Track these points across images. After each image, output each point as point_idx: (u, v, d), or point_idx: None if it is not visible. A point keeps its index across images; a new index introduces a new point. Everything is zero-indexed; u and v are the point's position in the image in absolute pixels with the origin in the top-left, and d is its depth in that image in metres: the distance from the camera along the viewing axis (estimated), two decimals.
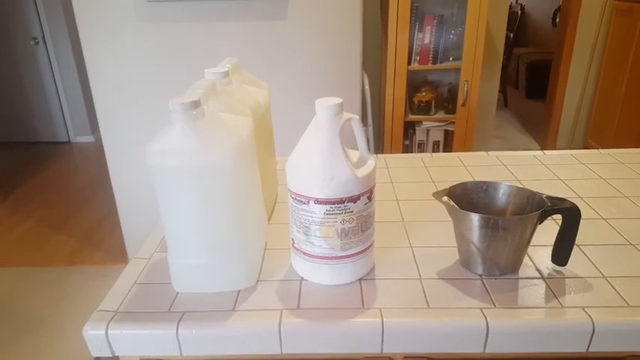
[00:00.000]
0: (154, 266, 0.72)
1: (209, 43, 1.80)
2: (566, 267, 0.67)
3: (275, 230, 0.80)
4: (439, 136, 2.33)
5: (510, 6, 4.30)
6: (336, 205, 0.60)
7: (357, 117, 0.63)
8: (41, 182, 3.30)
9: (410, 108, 2.32)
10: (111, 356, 0.62)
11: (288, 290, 0.65)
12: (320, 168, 0.60)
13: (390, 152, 2.31)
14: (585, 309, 0.59)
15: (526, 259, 0.69)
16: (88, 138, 4.03)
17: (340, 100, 0.61)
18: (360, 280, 0.67)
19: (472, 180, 0.73)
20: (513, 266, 0.67)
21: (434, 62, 2.21)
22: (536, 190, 0.66)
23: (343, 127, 0.61)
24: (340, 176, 0.60)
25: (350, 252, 0.64)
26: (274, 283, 0.67)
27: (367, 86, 2.12)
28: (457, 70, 2.18)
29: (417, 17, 2.14)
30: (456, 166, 1.04)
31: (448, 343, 0.60)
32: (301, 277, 0.68)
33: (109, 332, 0.60)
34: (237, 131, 0.61)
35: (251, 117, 0.69)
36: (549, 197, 0.64)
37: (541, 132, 3.64)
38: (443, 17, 2.16)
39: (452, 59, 2.21)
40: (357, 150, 0.65)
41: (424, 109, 2.29)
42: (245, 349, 0.61)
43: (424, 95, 2.29)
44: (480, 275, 0.67)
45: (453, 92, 2.28)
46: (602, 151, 1.09)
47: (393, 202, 0.89)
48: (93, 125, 3.95)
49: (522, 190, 0.67)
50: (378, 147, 2.50)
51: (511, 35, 4.36)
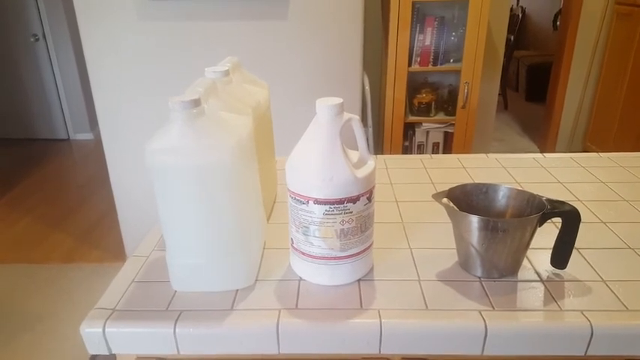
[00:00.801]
0: (152, 264, 0.72)
1: (209, 43, 1.80)
2: (565, 270, 0.67)
3: (274, 230, 0.80)
4: (439, 138, 2.33)
5: (511, 8, 4.31)
6: (336, 206, 0.60)
7: (358, 117, 0.63)
8: (40, 179, 3.30)
9: (410, 109, 2.32)
10: (108, 354, 0.62)
11: (286, 290, 0.65)
12: (320, 168, 0.60)
13: (390, 153, 2.31)
14: (584, 312, 0.59)
15: (525, 262, 0.69)
16: (87, 135, 4.02)
17: (341, 101, 0.61)
18: (359, 281, 0.67)
19: (472, 182, 0.73)
20: (512, 269, 0.67)
21: (434, 64, 2.21)
22: (536, 193, 0.66)
23: (343, 128, 0.61)
24: (340, 177, 0.59)
25: (349, 252, 0.64)
26: (273, 283, 0.67)
27: (367, 87, 2.12)
28: (457, 72, 2.18)
29: (418, 18, 2.14)
30: (456, 168, 1.04)
31: (446, 345, 0.60)
32: (300, 277, 0.67)
33: (107, 330, 0.60)
34: (237, 130, 0.61)
35: (251, 116, 0.68)
36: (549, 200, 0.64)
37: (541, 135, 3.64)
38: (444, 19, 2.16)
39: (452, 61, 2.21)
40: (357, 150, 0.65)
41: (424, 111, 2.29)
42: (243, 349, 0.61)
43: (424, 97, 2.29)
44: (479, 277, 0.67)
45: (453, 94, 2.28)
46: (601, 155, 1.09)
47: (393, 203, 0.89)
48: (92, 123, 3.95)
49: (522, 193, 0.67)
50: (378, 148, 2.50)
51: (512, 38, 4.36)
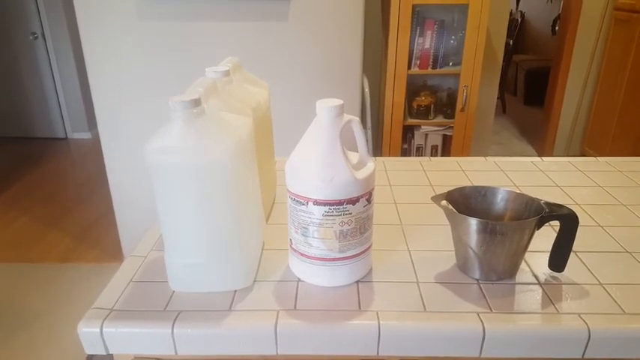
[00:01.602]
0: (150, 264, 0.72)
1: (209, 43, 1.80)
2: (562, 273, 0.68)
3: (273, 231, 0.80)
4: (437, 141, 2.34)
5: (511, 13, 4.32)
6: (335, 207, 0.60)
7: (358, 119, 0.63)
8: (38, 179, 3.29)
9: (409, 112, 2.32)
10: (105, 354, 0.62)
11: (285, 291, 0.65)
12: (320, 169, 0.60)
13: (389, 156, 2.31)
14: (581, 315, 0.60)
15: (523, 265, 0.69)
16: (86, 135, 4.02)
17: (341, 102, 0.61)
18: (358, 283, 0.67)
19: (470, 185, 0.73)
20: (510, 271, 0.67)
21: (434, 67, 2.21)
22: (534, 196, 0.66)
23: (343, 129, 0.61)
24: (340, 178, 0.59)
25: (348, 254, 0.64)
26: (271, 284, 0.67)
27: (367, 89, 2.13)
28: (457, 76, 2.18)
29: (418, 22, 2.14)
30: (455, 171, 1.04)
31: (444, 347, 0.60)
32: (298, 278, 0.67)
33: (104, 330, 0.60)
34: (236, 131, 0.61)
35: (251, 117, 0.68)
36: (547, 203, 0.64)
37: (538, 139, 3.65)
38: (444, 22, 2.17)
39: (452, 64, 2.22)
40: (357, 152, 0.65)
41: (423, 114, 2.30)
42: (241, 350, 0.61)
43: (423, 100, 2.29)
44: (477, 280, 0.67)
45: (452, 97, 2.28)
46: (599, 159, 1.10)
47: (392, 205, 0.89)
48: (90, 122, 3.94)
49: (520, 196, 0.68)
50: (377, 150, 2.50)
51: (511, 42, 4.37)
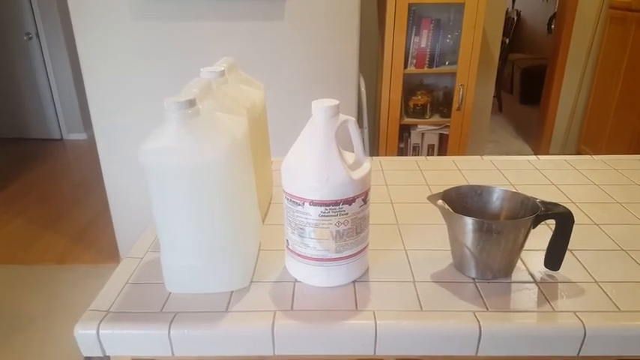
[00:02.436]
0: (147, 266, 0.72)
1: (204, 43, 1.80)
2: (558, 271, 0.68)
3: (269, 231, 0.79)
4: (434, 140, 2.34)
5: (506, 11, 4.33)
6: (331, 207, 0.60)
7: (354, 119, 0.63)
8: (33, 180, 3.28)
9: (405, 111, 2.32)
10: (102, 356, 0.61)
11: (281, 291, 0.65)
12: (315, 170, 0.60)
13: (385, 155, 2.31)
14: (577, 313, 0.60)
15: (519, 264, 0.70)
16: (81, 135, 4.00)
17: (337, 102, 0.61)
18: (354, 282, 0.67)
19: (466, 184, 0.73)
20: (506, 270, 0.67)
21: (430, 66, 2.22)
22: (529, 195, 0.66)
23: (339, 129, 0.61)
24: (336, 178, 0.59)
25: (344, 254, 0.64)
26: (268, 285, 0.67)
27: (363, 88, 2.13)
28: (453, 75, 2.19)
29: (414, 21, 2.14)
30: (451, 170, 1.04)
31: (441, 346, 0.60)
32: (295, 279, 0.67)
33: (101, 332, 0.59)
34: (231, 131, 0.61)
35: (246, 117, 0.68)
36: (543, 202, 0.64)
37: (534, 137, 3.66)
38: (440, 21, 2.17)
39: (448, 63, 2.22)
40: (353, 152, 0.65)
41: (419, 113, 2.30)
42: (238, 351, 0.61)
43: (420, 99, 2.30)
44: (473, 279, 0.67)
45: (449, 96, 2.29)
46: (595, 157, 1.10)
47: (388, 205, 0.89)
48: (86, 123, 3.92)
49: (516, 195, 0.68)
50: (373, 149, 2.50)
51: (507, 41, 4.38)
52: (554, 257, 0.67)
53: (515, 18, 4.95)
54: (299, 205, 0.61)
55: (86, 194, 3.04)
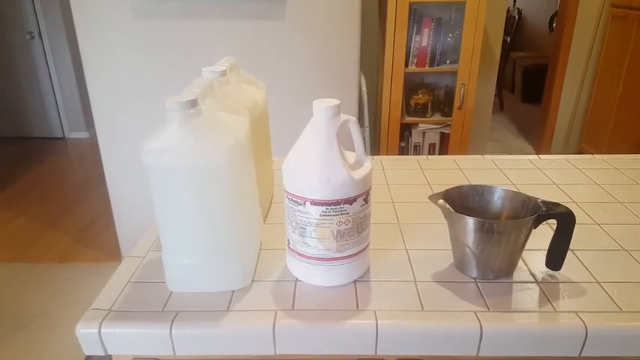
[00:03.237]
0: (148, 265, 0.72)
1: (206, 42, 1.80)
2: (560, 272, 0.68)
3: (270, 231, 0.80)
4: (435, 139, 2.34)
5: (508, 10, 4.32)
6: (332, 207, 0.60)
7: (355, 119, 0.63)
8: (35, 178, 3.28)
9: (406, 110, 2.32)
10: (103, 355, 0.62)
11: (282, 291, 0.65)
12: (317, 169, 0.60)
13: (386, 154, 2.31)
14: (578, 314, 0.60)
15: (520, 263, 0.70)
16: (83, 134, 4.01)
17: (338, 102, 0.61)
18: (355, 282, 0.67)
19: (468, 183, 0.73)
20: (508, 270, 0.67)
21: (431, 65, 2.21)
22: (531, 195, 0.66)
23: (340, 129, 0.61)
24: (337, 178, 0.59)
25: (345, 253, 0.64)
26: (269, 284, 0.67)
27: (364, 87, 2.13)
28: (454, 73, 2.18)
29: (415, 19, 2.14)
30: (452, 169, 1.04)
31: (442, 346, 0.60)
32: (296, 278, 0.67)
33: (102, 331, 0.60)
34: (233, 131, 0.61)
35: (248, 116, 0.68)
36: (544, 202, 0.64)
37: (536, 136, 3.65)
38: (441, 20, 2.17)
39: (449, 62, 2.22)
40: (354, 151, 0.65)
41: (420, 112, 2.30)
42: (239, 350, 0.61)
43: (421, 97, 2.29)
44: (475, 278, 0.67)
45: (450, 95, 2.28)
46: (596, 157, 1.10)
47: (389, 204, 0.89)
48: (88, 121, 3.93)
49: (518, 195, 0.68)
50: (374, 148, 2.50)
51: (508, 39, 4.38)
52: (555, 257, 0.67)
53: (516, 16, 4.93)
54: (300, 205, 0.61)
55: (88, 193, 3.04)
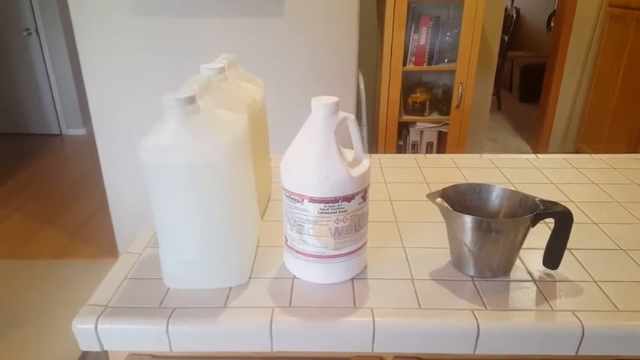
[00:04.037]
0: (145, 261, 0.72)
1: (204, 39, 1.79)
2: (557, 270, 0.68)
3: (268, 228, 0.79)
4: (433, 137, 2.34)
5: (506, 9, 4.32)
6: (330, 204, 0.60)
7: (353, 116, 0.63)
8: (32, 175, 3.27)
9: (404, 109, 2.32)
10: (100, 351, 0.61)
11: (280, 288, 0.65)
12: (315, 167, 0.60)
13: (384, 152, 2.31)
14: (575, 313, 0.60)
15: (518, 262, 0.70)
16: (80, 131, 3.99)
17: (336, 99, 0.61)
18: (353, 280, 0.67)
19: (465, 182, 0.73)
20: (505, 269, 0.67)
21: (429, 63, 2.21)
22: (528, 194, 0.67)
23: (339, 126, 0.61)
24: (335, 175, 0.59)
25: (343, 251, 0.64)
26: (266, 281, 0.67)
27: (362, 86, 2.12)
28: (452, 72, 2.18)
29: (414, 18, 2.14)
30: (450, 168, 1.04)
31: (439, 344, 0.60)
32: (293, 275, 0.67)
33: (99, 327, 0.59)
34: (231, 128, 0.61)
35: (246, 114, 0.68)
36: (542, 201, 0.64)
37: (533, 135, 3.66)
38: (439, 19, 2.17)
39: (447, 61, 2.22)
40: (352, 149, 0.65)
41: (418, 110, 2.30)
42: (236, 346, 0.61)
43: (419, 96, 2.29)
44: (472, 277, 0.67)
45: (448, 94, 2.29)
46: (594, 156, 1.10)
47: (387, 202, 0.89)
48: (85, 118, 3.92)
49: (515, 193, 0.68)
50: (372, 147, 2.50)
51: (506, 38, 4.38)
52: (553, 256, 0.67)
53: (514, 15, 4.94)
54: (298, 202, 0.61)
55: (85, 189, 3.03)
